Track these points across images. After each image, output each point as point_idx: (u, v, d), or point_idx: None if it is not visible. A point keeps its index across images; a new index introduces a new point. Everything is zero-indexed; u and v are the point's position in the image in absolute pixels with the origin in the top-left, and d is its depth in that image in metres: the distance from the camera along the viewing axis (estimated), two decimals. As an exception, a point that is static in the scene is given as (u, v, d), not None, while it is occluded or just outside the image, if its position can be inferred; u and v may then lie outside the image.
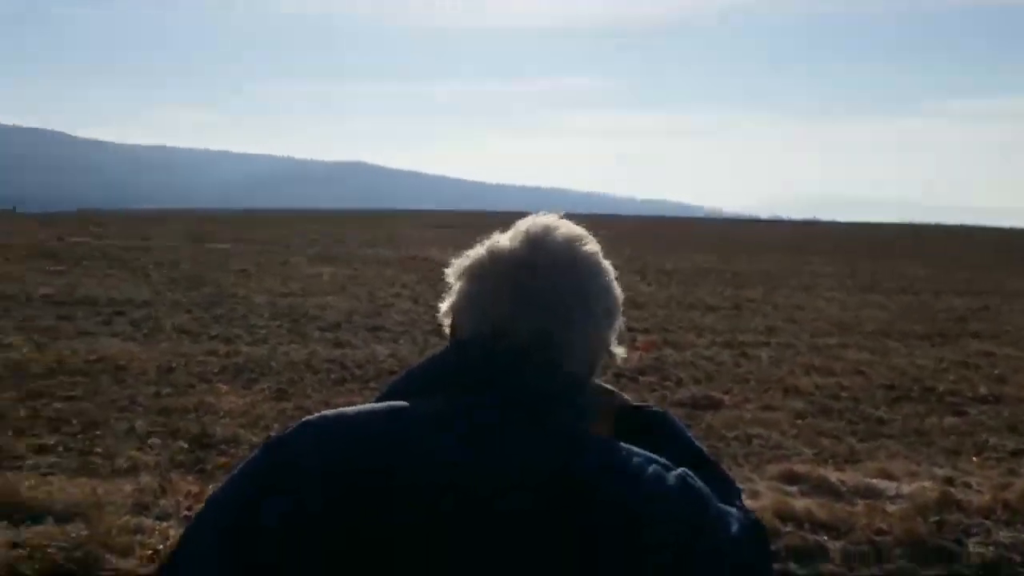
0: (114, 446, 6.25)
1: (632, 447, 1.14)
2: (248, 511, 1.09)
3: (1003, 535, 5.20)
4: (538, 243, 1.19)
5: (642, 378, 9.27)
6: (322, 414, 1.16)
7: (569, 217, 1.25)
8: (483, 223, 1.69)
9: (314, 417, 1.16)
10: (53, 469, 5.73)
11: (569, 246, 1.20)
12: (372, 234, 32.43)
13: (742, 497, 1.24)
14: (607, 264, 1.23)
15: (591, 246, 1.22)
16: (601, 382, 1.29)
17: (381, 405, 1.15)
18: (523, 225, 1.22)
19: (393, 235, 32.47)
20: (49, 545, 4.41)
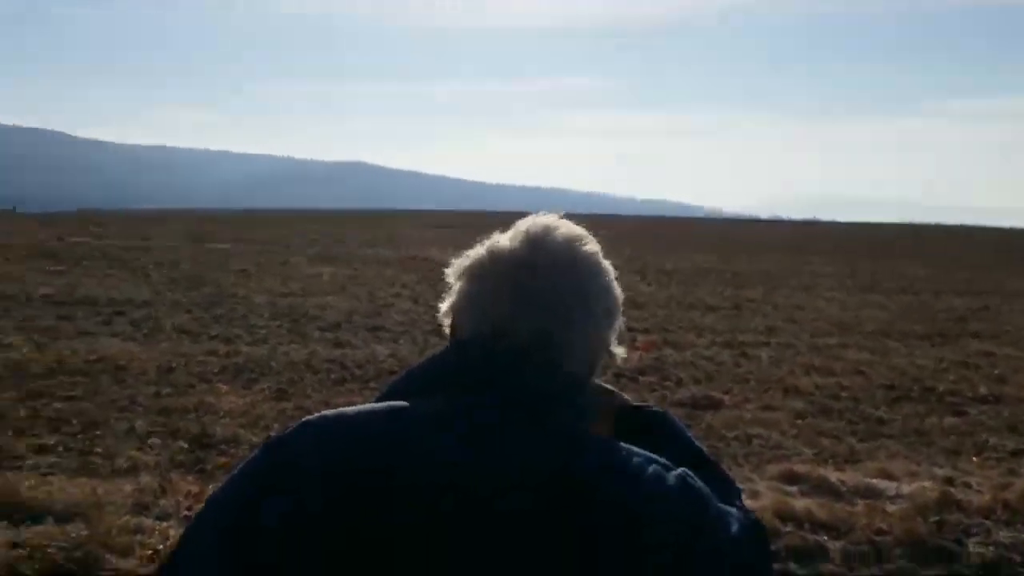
0: (114, 446, 6.25)
1: (632, 447, 1.14)
2: (248, 511, 1.09)
3: (1003, 535, 5.20)
4: (538, 243, 1.19)
5: (642, 378, 9.27)
6: (322, 414, 1.16)
7: (569, 217, 1.25)
8: (483, 223, 1.69)
9: (314, 417, 1.16)
10: (53, 469, 5.73)
11: (569, 246, 1.20)
12: (372, 234, 32.43)
13: (742, 497, 1.24)
14: (607, 264, 1.23)
15: (591, 246, 1.22)
16: (601, 382, 1.29)
17: (381, 405, 1.15)
18: (523, 225, 1.22)
19: (393, 235, 32.47)
20: (49, 545, 4.41)
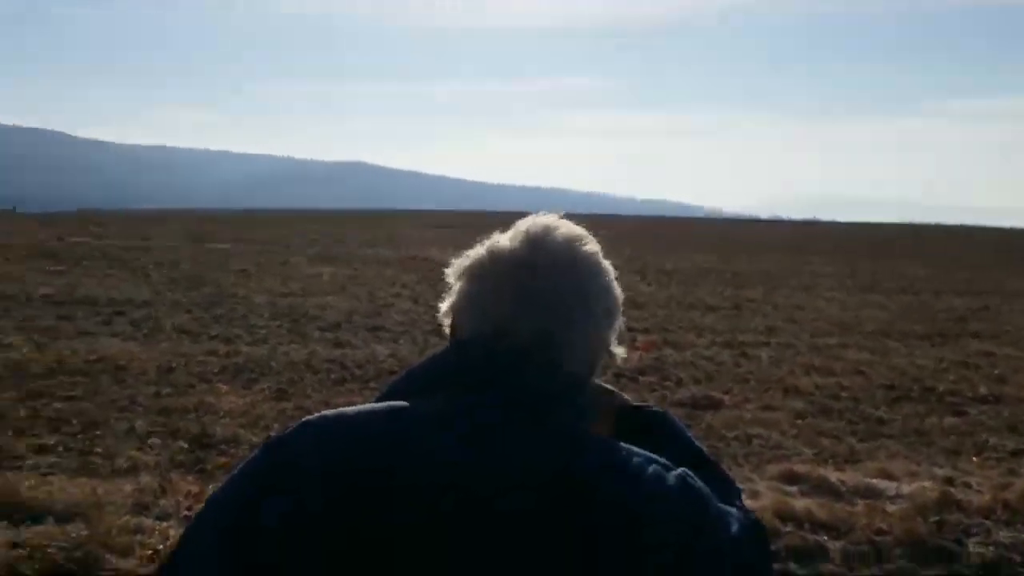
0: (114, 446, 6.25)
1: (632, 447, 1.14)
2: (248, 511, 1.09)
3: (1003, 535, 5.20)
4: (538, 243, 1.19)
5: (642, 378, 9.27)
6: (322, 414, 1.16)
7: (569, 217, 1.25)
8: (483, 223, 1.69)
9: (314, 417, 1.16)
10: (53, 469, 5.73)
11: (569, 246, 1.20)
12: (372, 234, 32.42)
13: (742, 497, 1.24)
14: (607, 264, 1.23)
15: (591, 246, 1.22)
16: (601, 382, 1.29)
17: (381, 405, 1.15)
18: (523, 225, 1.22)
19: (393, 235, 32.47)
20: (49, 545, 4.41)
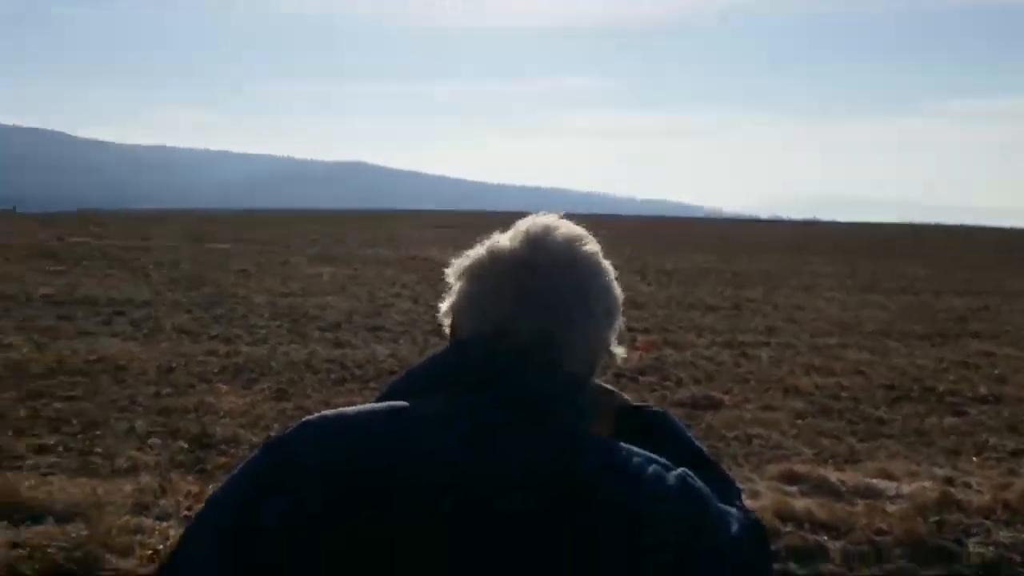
0: (114, 446, 6.25)
1: (632, 447, 1.14)
2: (248, 511, 1.09)
3: (1003, 535, 5.20)
4: (538, 243, 1.19)
5: (642, 378, 9.27)
6: (322, 414, 1.16)
7: (569, 217, 1.25)
8: (483, 223, 1.69)
9: (314, 417, 1.16)
10: (53, 469, 5.73)
11: (569, 246, 1.20)
12: (372, 234, 32.42)
13: (742, 497, 1.24)
14: (607, 264, 1.23)
15: (591, 246, 1.22)
16: (601, 382, 1.29)
17: (381, 405, 1.15)
18: (523, 225, 1.22)
19: (393, 235, 32.46)
20: (49, 545, 4.41)
